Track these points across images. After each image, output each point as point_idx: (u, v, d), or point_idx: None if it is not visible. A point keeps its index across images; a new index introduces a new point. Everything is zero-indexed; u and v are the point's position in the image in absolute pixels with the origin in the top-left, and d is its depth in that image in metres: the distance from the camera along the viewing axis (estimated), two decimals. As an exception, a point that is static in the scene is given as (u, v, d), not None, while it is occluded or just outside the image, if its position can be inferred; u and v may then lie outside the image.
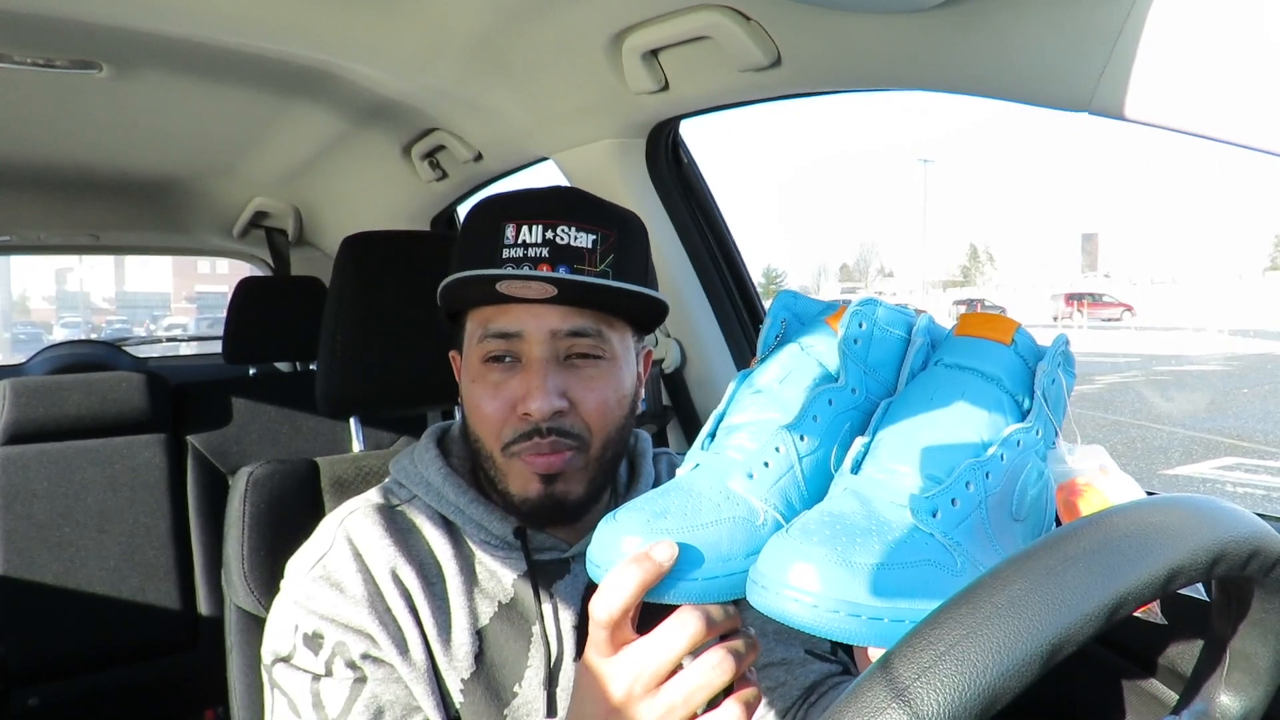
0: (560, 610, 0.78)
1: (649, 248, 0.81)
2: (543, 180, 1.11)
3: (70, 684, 1.81)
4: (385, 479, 0.86)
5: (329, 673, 0.72)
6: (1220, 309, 30.13)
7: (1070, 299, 34.75)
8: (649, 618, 0.53)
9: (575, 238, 0.72)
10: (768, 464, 0.53)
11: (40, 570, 1.79)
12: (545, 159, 1.42)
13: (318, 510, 0.99)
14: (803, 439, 0.53)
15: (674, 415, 1.49)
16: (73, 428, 1.88)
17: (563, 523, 0.78)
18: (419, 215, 1.89)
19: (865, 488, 0.49)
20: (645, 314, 0.78)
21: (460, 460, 0.84)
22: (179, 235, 2.60)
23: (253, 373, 2.14)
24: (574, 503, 0.76)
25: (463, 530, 0.79)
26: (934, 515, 0.47)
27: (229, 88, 1.39)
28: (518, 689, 0.75)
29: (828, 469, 0.54)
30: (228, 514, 0.98)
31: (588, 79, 1.12)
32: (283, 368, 2.59)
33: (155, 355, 3.78)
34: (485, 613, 0.77)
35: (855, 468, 0.51)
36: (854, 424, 0.55)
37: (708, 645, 0.52)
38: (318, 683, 0.72)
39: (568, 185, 0.79)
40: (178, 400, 1.99)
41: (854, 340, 0.56)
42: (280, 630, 0.74)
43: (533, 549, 0.79)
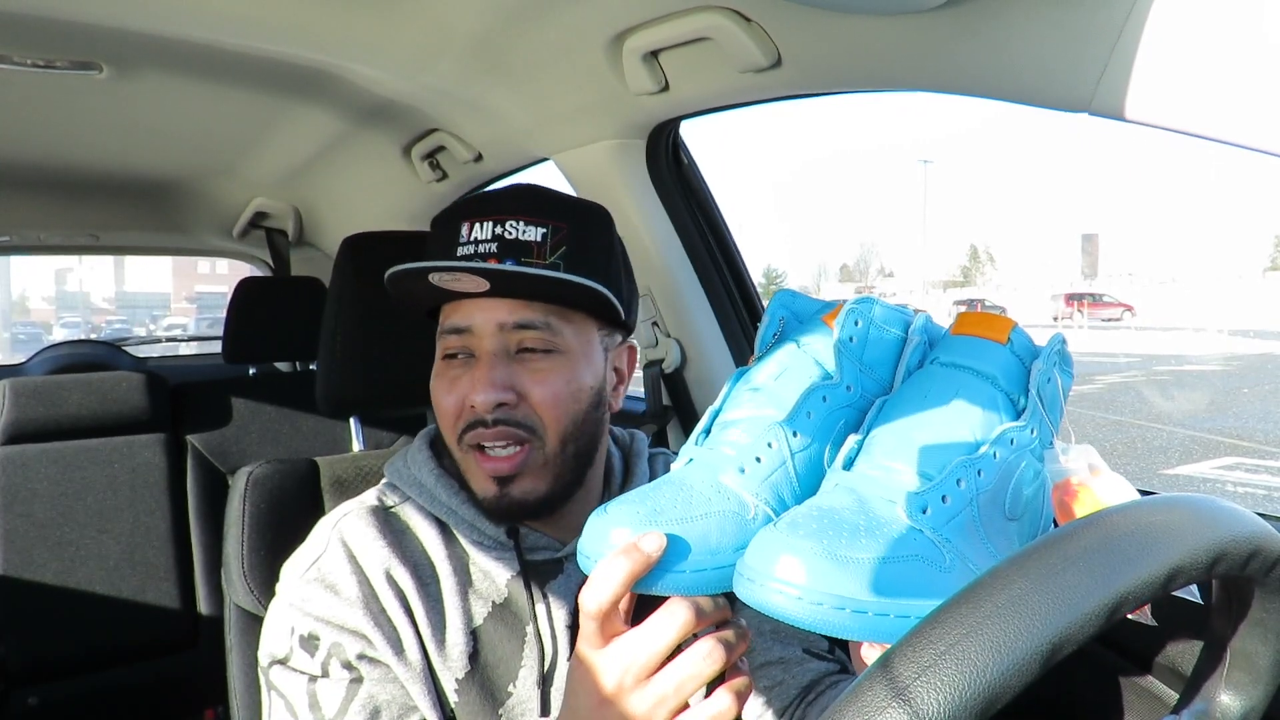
0: (554, 609, 0.78)
1: (613, 240, 0.80)
2: (544, 180, 1.11)
3: (70, 684, 1.80)
4: (383, 480, 0.86)
5: (325, 674, 0.72)
6: (1220, 309, 30.12)
7: (1070, 299, 34.75)
8: (643, 611, 0.53)
9: (524, 231, 0.72)
10: (760, 459, 0.53)
11: (40, 570, 1.79)
12: (545, 159, 1.42)
13: (318, 510, 0.99)
14: (796, 435, 0.53)
15: (674, 415, 1.49)
16: (73, 427, 1.88)
17: (534, 518, 0.78)
18: (419, 215, 1.89)
19: (857, 484, 0.49)
20: (606, 306, 0.76)
21: (453, 461, 0.84)
22: (179, 235, 2.60)
23: (252, 373, 2.14)
24: (537, 501, 0.76)
25: (456, 531, 0.79)
26: (924, 512, 0.47)
27: (229, 88, 1.39)
28: (512, 688, 0.75)
29: (821, 466, 0.54)
30: (228, 513, 0.98)
31: (588, 79, 1.12)
32: (283, 368, 2.59)
33: (155, 355, 3.78)
34: (479, 613, 0.77)
35: (848, 464, 0.51)
36: (848, 421, 0.55)
37: (699, 636, 0.53)
38: (314, 684, 0.72)
39: (528, 183, 0.80)
40: (177, 400, 1.99)
41: (849, 339, 0.56)
42: (277, 633, 0.75)
43: (526, 549, 0.79)
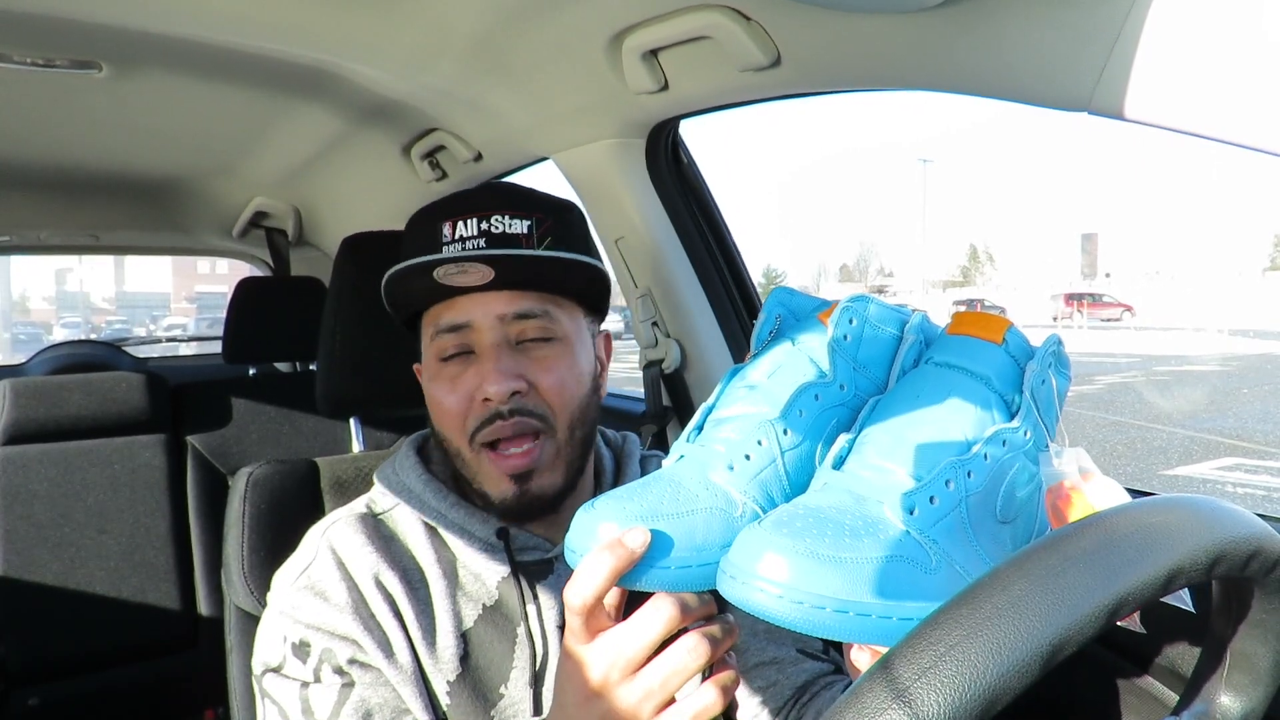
0: (544, 610, 0.78)
1: (588, 233, 0.83)
2: (542, 180, 1.12)
3: (70, 684, 1.81)
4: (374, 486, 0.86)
5: (317, 679, 0.72)
6: (1220, 309, 30.12)
7: (1070, 299, 34.73)
8: (633, 608, 0.53)
9: (510, 225, 0.73)
10: (749, 456, 0.52)
11: (40, 570, 1.79)
12: (545, 159, 1.42)
13: (318, 510, 0.99)
14: (786, 433, 0.53)
15: (674, 415, 1.49)
16: (73, 428, 1.88)
17: (550, 513, 0.79)
18: (419, 215, 1.89)
19: (845, 483, 0.49)
20: (591, 291, 0.79)
21: (440, 466, 0.84)
22: (179, 235, 2.60)
23: (252, 373, 2.14)
24: (555, 494, 0.77)
25: (445, 534, 0.79)
26: (911, 512, 0.46)
27: (229, 88, 1.39)
28: (503, 690, 0.75)
29: (812, 465, 0.54)
30: (227, 514, 0.98)
31: (588, 79, 1.12)
32: (282, 368, 2.58)
33: (155, 355, 3.78)
34: (469, 615, 0.77)
35: (838, 463, 0.51)
36: (841, 420, 0.55)
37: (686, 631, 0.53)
38: (306, 690, 0.72)
39: (500, 181, 0.82)
40: (177, 400, 1.99)
41: (844, 337, 0.56)
42: (269, 641, 0.75)
43: (516, 549, 0.79)
